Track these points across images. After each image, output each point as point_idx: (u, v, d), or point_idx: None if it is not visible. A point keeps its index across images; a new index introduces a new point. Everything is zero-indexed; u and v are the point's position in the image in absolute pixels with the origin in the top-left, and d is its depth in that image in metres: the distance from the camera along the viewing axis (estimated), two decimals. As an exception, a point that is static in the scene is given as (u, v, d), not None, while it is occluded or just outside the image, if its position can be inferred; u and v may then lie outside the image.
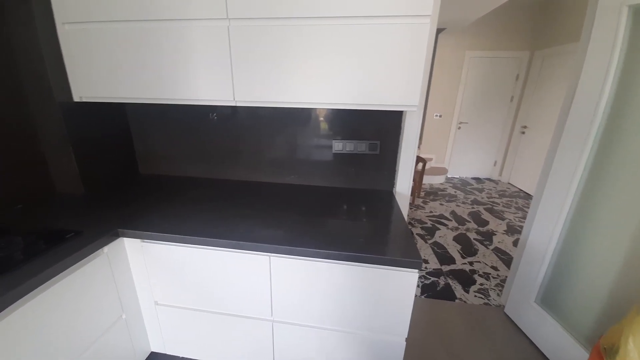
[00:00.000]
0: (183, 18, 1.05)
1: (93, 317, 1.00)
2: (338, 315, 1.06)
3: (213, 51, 1.07)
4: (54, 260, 0.85)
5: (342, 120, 1.44)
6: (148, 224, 1.10)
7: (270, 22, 1.01)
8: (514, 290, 1.74)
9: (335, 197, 1.41)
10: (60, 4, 1.10)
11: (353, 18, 0.96)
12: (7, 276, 0.78)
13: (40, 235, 0.98)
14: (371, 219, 1.18)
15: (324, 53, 1.01)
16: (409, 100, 1.04)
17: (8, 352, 0.74)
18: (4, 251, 0.89)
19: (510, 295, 1.76)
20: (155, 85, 1.16)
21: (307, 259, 0.99)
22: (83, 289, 0.95)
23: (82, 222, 1.08)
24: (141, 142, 1.67)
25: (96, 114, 1.41)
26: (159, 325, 1.25)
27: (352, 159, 1.49)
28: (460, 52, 4.18)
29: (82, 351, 0.97)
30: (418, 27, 0.95)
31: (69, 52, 1.17)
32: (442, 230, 2.92)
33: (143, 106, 1.56)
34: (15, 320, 0.75)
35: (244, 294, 1.10)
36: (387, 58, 0.99)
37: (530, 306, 1.60)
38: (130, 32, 1.10)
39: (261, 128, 1.52)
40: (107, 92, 1.21)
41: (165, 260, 1.10)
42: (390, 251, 0.94)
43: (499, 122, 4.46)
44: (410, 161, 1.38)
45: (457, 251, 2.53)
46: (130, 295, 1.17)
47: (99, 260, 1.00)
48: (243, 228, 1.08)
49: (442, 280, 2.11)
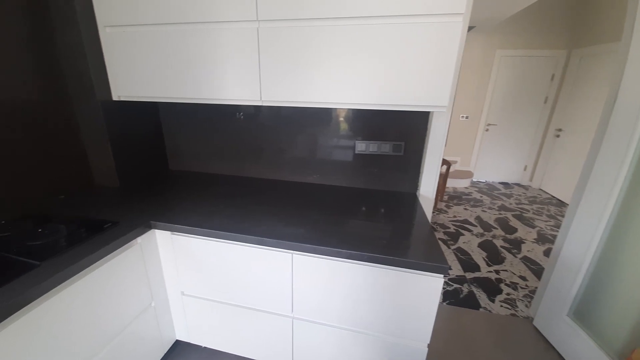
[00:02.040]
0: (215, 21, 1.09)
1: (126, 303, 1.06)
2: (359, 316, 1.05)
3: (243, 52, 1.10)
4: (94, 248, 0.92)
5: (366, 120, 1.43)
6: (177, 217, 1.15)
7: (299, 23, 1.02)
8: (544, 302, 1.64)
9: (357, 198, 1.40)
10: (103, 8, 1.18)
11: (383, 18, 0.95)
12: (52, 261, 0.85)
13: (82, 224, 1.06)
14: (394, 221, 1.16)
15: (351, 53, 1.01)
16: (437, 101, 1.01)
17: (49, 333, 0.81)
18: (49, 238, 0.96)
19: (541, 307, 1.67)
20: (187, 85, 1.21)
21: (329, 258, 0.99)
22: (118, 277, 1.01)
23: (118, 214, 1.15)
24: (171, 139, 1.74)
25: (131, 112, 1.50)
26: (185, 315, 1.30)
27: (375, 159, 1.47)
28: (491, 51, 4.00)
29: (115, 335, 1.03)
30: (450, 26, 0.92)
31: (110, 54, 1.25)
32: (466, 235, 2.81)
33: (174, 105, 1.64)
34: (57, 303, 0.82)
35: (265, 289, 1.12)
36: (416, 58, 0.97)
37: (562, 319, 1.51)
38: (165, 35, 1.15)
39: (284, 127, 1.54)
40: (143, 91, 1.28)
41: (192, 252, 1.15)
42: (414, 254, 0.92)
43: (530, 125, 4.23)
44: (435, 163, 1.35)
45: (482, 258, 2.42)
46: (159, 284, 1.23)
47: (133, 250, 1.06)
48: (266, 225, 1.10)
49: (465, 288, 2.03)
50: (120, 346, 1.04)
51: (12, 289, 0.73)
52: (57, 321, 0.82)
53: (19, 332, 0.73)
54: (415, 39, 0.95)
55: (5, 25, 1.09)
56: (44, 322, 0.78)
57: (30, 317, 0.75)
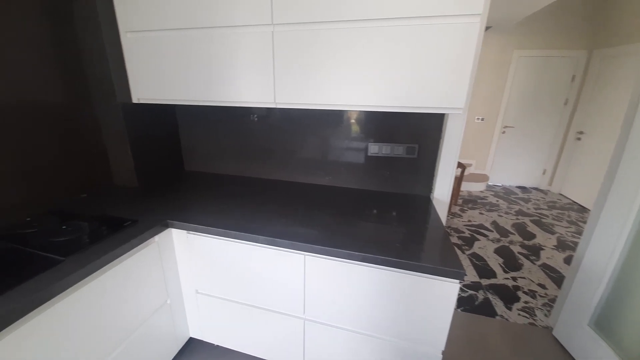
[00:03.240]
0: (231, 25, 1.11)
1: (143, 299, 1.09)
2: (371, 320, 1.04)
3: (258, 55, 1.12)
4: (115, 245, 0.95)
5: (378, 122, 1.42)
6: (193, 216, 1.17)
7: (313, 26, 1.03)
8: (565, 311, 1.57)
9: (369, 200, 1.39)
10: (125, 14, 1.23)
11: (399, 19, 0.95)
12: (75, 257, 0.88)
13: (103, 222, 1.10)
14: (408, 224, 1.14)
15: (366, 55, 1.00)
16: (453, 103, 0.99)
17: (72, 327, 0.84)
18: (73, 234, 1.01)
19: (561, 316, 1.60)
20: (203, 88, 1.23)
21: (342, 260, 0.98)
22: (137, 274, 1.04)
23: (137, 212, 1.19)
24: (187, 140, 1.79)
25: (150, 115, 1.54)
26: (198, 313, 1.32)
27: (387, 162, 1.46)
28: (508, 52, 3.91)
29: (133, 330, 1.06)
30: (467, 27, 0.91)
31: (130, 58, 1.30)
32: (481, 241, 2.74)
33: (190, 107, 1.68)
34: (80, 297, 0.85)
35: (277, 289, 1.13)
36: (432, 60, 0.96)
37: (583, 329, 1.44)
38: (183, 40, 1.19)
39: (295, 129, 1.55)
40: (161, 94, 1.32)
41: (207, 251, 1.17)
42: (429, 259, 0.91)
43: (550, 127, 4.09)
44: (450, 166, 1.32)
45: (498, 264, 2.35)
46: (175, 282, 1.26)
47: (150, 248, 1.09)
48: (279, 226, 1.11)
49: (480, 295, 1.98)
50: (137, 342, 1.07)
51: (38, 282, 0.77)
52: (79, 315, 0.85)
53: (43, 325, 0.76)
54: (431, 40, 0.94)
55: (33, 31, 1.15)
56: (67, 316, 0.82)
57: (54, 311, 0.78)
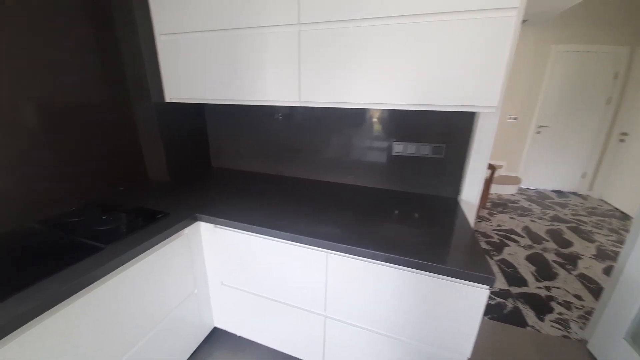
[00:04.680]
0: (259, 25, 1.14)
1: (173, 288, 1.15)
2: (394, 321, 1.02)
3: (284, 54, 1.14)
4: (149, 235, 1.01)
5: (403, 120, 1.38)
6: (220, 211, 1.22)
7: (340, 24, 1.03)
8: (601, 324, 1.46)
9: (393, 201, 1.37)
10: (160, 18, 1.30)
11: (430, 15, 0.92)
12: (115, 245, 0.95)
13: (138, 213, 1.17)
14: (434, 226, 1.11)
15: (394, 53, 0.99)
16: (486, 101, 0.95)
17: (110, 310, 0.90)
18: (112, 224, 1.08)
19: (597, 329, 1.49)
20: (231, 87, 1.28)
21: (365, 259, 0.98)
22: (168, 263, 1.10)
23: (168, 206, 1.25)
24: (214, 138, 1.85)
25: (180, 113, 1.62)
26: (223, 304, 1.37)
27: (413, 162, 1.43)
28: (544, 46, 3.66)
29: (163, 317, 1.12)
30: (502, 22, 0.87)
31: (164, 59, 1.37)
32: (512, 247, 2.60)
33: (218, 106, 1.74)
34: (117, 283, 0.91)
35: (299, 285, 1.15)
36: (464, 56, 0.92)
37: (619, 343, 1.33)
38: (213, 41, 1.23)
39: (319, 128, 1.56)
40: (192, 93, 1.38)
41: (232, 244, 1.21)
42: (456, 262, 0.88)
43: (590, 127, 3.78)
44: (481, 167, 1.26)
45: (530, 273, 2.22)
46: (202, 273, 1.31)
47: (181, 240, 1.14)
48: (302, 223, 1.12)
49: (510, 303, 1.88)
50: (166, 328, 1.13)
51: (82, 267, 0.84)
52: (117, 300, 0.91)
53: (86, 307, 0.82)
54: (464, 36, 0.90)
55: (79, 36, 1.24)
56: (106, 300, 0.88)
57: (95, 294, 0.84)
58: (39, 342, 0.72)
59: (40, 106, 1.12)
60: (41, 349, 0.73)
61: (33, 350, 0.71)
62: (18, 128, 1.07)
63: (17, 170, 1.07)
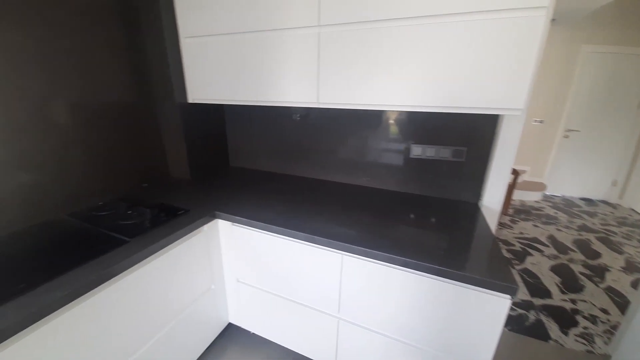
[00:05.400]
0: (279, 28, 1.16)
1: (192, 282, 1.18)
2: (410, 327, 1.01)
3: (303, 56, 1.15)
4: (171, 230, 1.05)
5: (422, 122, 1.36)
6: (237, 209, 1.24)
7: (360, 25, 1.02)
8: (626, 339, 1.38)
9: (411, 204, 1.34)
10: (185, 21, 1.35)
11: (453, 15, 0.90)
12: (139, 238, 0.99)
13: (161, 209, 1.21)
14: (453, 231, 1.08)
15: (414, 54, 0.97)
16: (512, 103, 0.92)
17: (134, 301, 0.94)
18: (137, 219, 1.13)
19: (622, 345, 1.40)
20: (251, 88, 1.30)
21: (381, 263, 0.97)
22: (187, 258, 1.14)
23: (189, 203, 1.29)
24: (233, 138, 1.90)
25: (201, 113, 1.66)
26: (238, 300, 1.40)
27: (431, 165, 1.40)
28: (574, 47, 3.49)
29: (181, 310, 1.15)
30: (530, 21, 0.83)
31: (188, 61, 1.42)
32: (535, 256, 2.49)
33: (237, 107, 1.78)
34: (141, 275, 0.95)
35: (313, 286, 1.15)
36: (489, 57, 0.89)
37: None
38: (234, 43, 1.26)
39: (335, 128, 1.56)
40: (213, 94, 1.42)
41: (248, 243, 1.23)
42: (477, 269, 0.85)
43: (621, 132, 3.56)
44: (504, 172, 1.22)
45: (554, 284, 2.12)
46: (218, 269, 1.34)
47: (200, 236, 1.18)
48: (318, 223, 1.13)
49: (532, 315, 1.80)
50: (184, 321, 1.17)
51: (109, 258, 0.88)
52: (140, 291, 0.95)
53: (111, 297, 0.86)
54: (489, 36, 0.88)
55: (109, 39, 1.31)
56: (130, 290, 0.92)
57: (120, 285, 0.88)
58: (69, 327, 0.76)
59: (74, 105, 1.19)
60: (71, 334, 0.77)
61: (65, 334, 0.76)
62: (53, 126, 1.14)
63: (52, 166, 1.14)
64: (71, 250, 0.93)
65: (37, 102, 1.08)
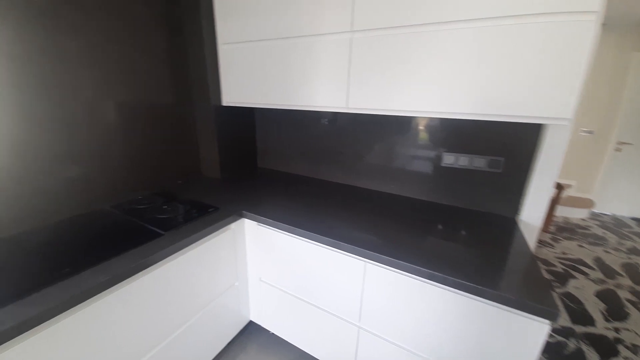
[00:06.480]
0: (312, 34, 1.17)
1: (217, 278, 1.22)
2: (434, 344, 0.96)
3: (334, 62, 1.16)
4: (202, 226, 1.10)
5: (455, 130, 1.30)
6: (264, 210, 1.27)
7: (394, 30, 1.01)
8: None
9: (440, 214, 1.29)
10: (224, 28, 1.42)
11: (493, 19, 0.86)
12: (173, 232, 1.05)
13: (193, 205, 1.27)
14: (486, 247, 1.02)
15: (451, 59, 0.94)
16: (558, 112, 0.85)
17: (166, 290, 1.00)
18: (171, 214, 1.19)
19: None
20: (282, 92, 1.33)
21: (406, 274, 0.93)
22: (214, 254, 1.18)
23: (218, 201, 1.34)
24: (262, 140, 1.95)
25: (234, 115, 1.73)
26: (260, 299, 1.42)
27: (464, 174, 1.33)
28: (625, 54, 3.17)
29: (206, 303, 1.20)
30: (580, 26, 0.77)
31: (224, 66, 1.49)
32: (579, 279, 2.27)
33: (267, 110, 1.82)
34: (173, 266, 1.00)
35: (334, 292, 1.14)
36: (533, 62, 0.84)
37: None
38: (267, 49, 1.31)
39: (363, 133, 1.54)
40: (246, 98, 1.47)
41: (273, 243, 1.25)
42: (512, 289, 0.79)
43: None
44: (546, 186, 1.13)
45: (599, 311, 1.91)
46: (242, 267, 1.38)
47: (227, 234, 1.22)
48: (341, 228, 1.12)
49: (572, 343, 1.64)
50: (208, 315, 1.21)
51: (146, 249, 0.94)
52: (171, 282, 1.01)
53: (145, 285, 0.92)
54: (535, 41, 0.82)
55: (153, 43, 1.40)
56: (162, 281, 0.97)
57: (154, 275, 0.94)
58: (108, 311, 0.82)
59: (120, 106, 1.30)
60: (109, 317, 0.83)
61: (104, 316, 0.82)
62: (101, 124, 1.24)
63: (98, 161, 1.25)
64: (113, 240, 1.00)
65: (88, 102, 1.18)
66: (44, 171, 1.09)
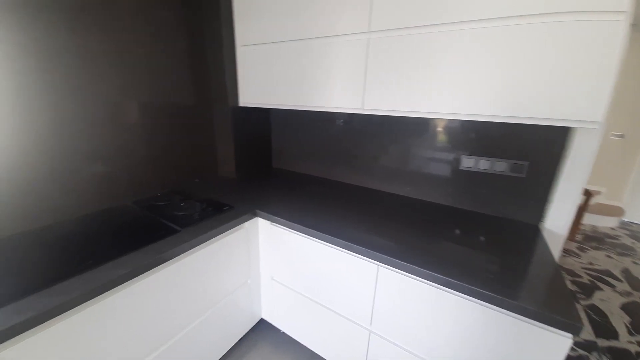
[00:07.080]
0: (329, 35, 1.17)
1: (230, 275, 1.24)
2: (448, 353, 0.93)
3: (350, 63, 1.15)
4: (217, 224, 1.12)
5: (475, 132, 1.25)
6: (277, 210, 1.28)
7: (412, 31, 0.99)
8: None
9: (458, 219, 1.25)
10: (243, 31, 1.44)
11: (518, 18, 0.82)
12: (189, 229, 1.08)
13: (209, 203, 1.30)
14: (507, 254, 0.98)
15: (473, 60, 0.91)
16: (588, 115, 0.80)
17: (180, 285, 1.02)
18: (188, 211, 1.23)
19: None
20: (298, 93, 1.34)
21: (420, 279, 0.91)
22: (228, 251, 1.20)
23: (233, 200, 1.37)
24: (277, 140, 1.96)
25: (250, 116, 1.75)
26: (271, 298, 1.43)
27: (484, 178, 1.28)
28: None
29: (219, 299, 1.22)
30: (610, 26, 0.73)
31: (241, 67, 1.51)
32: (605, 291, 2.14)
33: (282, 111, 1.84)
34: (189, 262, 1.03)
35: (346, 294, 1.13)
36: (561, 64, 0.80)
37: None
38: (284, 51, 1.31)
39: (379, 135, 1.52)
40: (263, 99, 1.49)
41: (285, 243, 1.25)
42: (533, 300, 0.75)
43: None
44: (574, 192, 1.07)
45: (623, 324, 1.80)
46: (255, 266, 1.39)
47: (241, 232, 1.24)
48: (355, 231, 1.11)
49: (594, 357, 1.55)
50: (220, 311, 1.23)
51: (163, 245, 0.97)
52: (186, 277, 1.03)
53: (161, 280, 0.95)
54: (563, 41, 0.78)
55: (175, 48, 1.45)
56: (177, 276, 1.00)
57: (170, 270, 0.97)
58: (127, 303, 0.86)
59: (142, 106, 1.34)
60: (127, 309, 0.86)
61: (123, 308, 0.85)
62: (124, 124, 1.29)
63: (121, 159, 1.30)
64: (133, 234, 1.04)
65: (114, 102, 1.23)
66: (71, 168, 1.14)
